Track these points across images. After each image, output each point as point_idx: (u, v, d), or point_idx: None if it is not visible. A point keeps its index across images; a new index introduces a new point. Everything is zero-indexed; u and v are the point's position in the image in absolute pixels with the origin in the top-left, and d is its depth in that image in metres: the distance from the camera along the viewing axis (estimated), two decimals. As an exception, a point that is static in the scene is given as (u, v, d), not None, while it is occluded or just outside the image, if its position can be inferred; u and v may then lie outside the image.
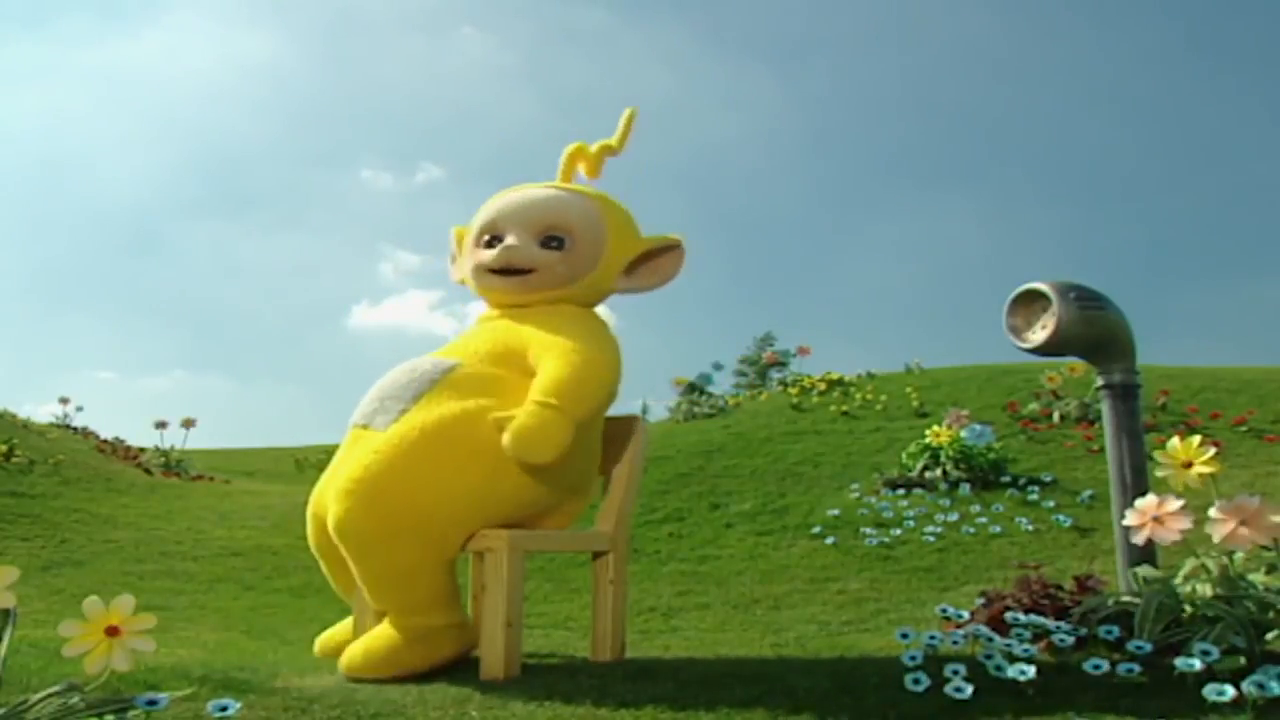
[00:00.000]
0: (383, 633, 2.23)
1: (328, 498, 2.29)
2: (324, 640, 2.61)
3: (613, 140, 2.73)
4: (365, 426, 2.32)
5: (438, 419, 2.23)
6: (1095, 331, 2.53)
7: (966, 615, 2.32)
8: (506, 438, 2.12)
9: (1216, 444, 4.21)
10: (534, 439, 2.12)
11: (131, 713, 1.55)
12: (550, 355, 2.28)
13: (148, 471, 8.36)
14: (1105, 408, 2.60)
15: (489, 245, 2.55)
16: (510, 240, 2.49)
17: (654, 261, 2.58)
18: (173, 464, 8.98)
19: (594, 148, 2.73)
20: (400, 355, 2.64)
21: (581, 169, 2.73)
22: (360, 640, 2.25)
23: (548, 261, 2.47)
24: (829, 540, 4.61)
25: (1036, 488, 5.06)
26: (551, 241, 2.48)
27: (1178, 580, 2.21)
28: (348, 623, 2.57)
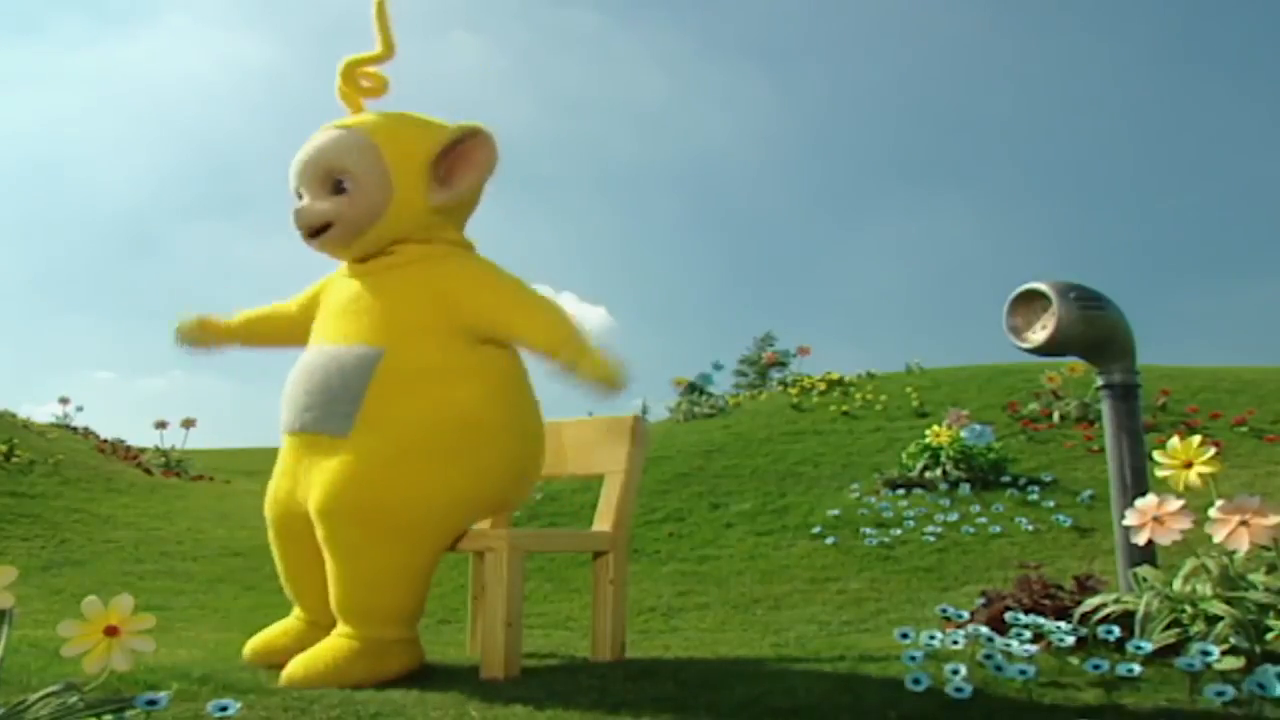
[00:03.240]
0: (328, 645, 2.18)
1: (288, 496, 2.32)
2: (255, 644, 2.47)
3: (377, 50, 2.51)
4: (317, 434, 2.26)
5: (410, 431, 2.19)
6: (1095, 331, 2.53)
7: (966, 615, 2.32)
8: (596, 382, 2.13)
9: (1216, 444, 4.21)
10: (614, 373, 2.14)
11: (131, 713, 1.55)
12: (517, 309, 2.28)
13: (148, 471, 8.36)
14: (1105, 408, 2.60)
15: None
16: (301, 202, 2.42)
17: (463, 157, 2.39)
18: (173, 464, 8.98)
19: (344, 69, 2.51)
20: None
21: (365, 98, 2.54)
22: (303, 654, 2.18)
23: (335, 210, 2.35)
24: (829, 540, 4.61)
25: (1036, 488, 5.06)
26: (338, 188, 2.37)
27: (1178, 580, 2.21)
28: (280, 625, 2.49)
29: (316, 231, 2.39)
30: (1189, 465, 2.17)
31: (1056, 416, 6.28)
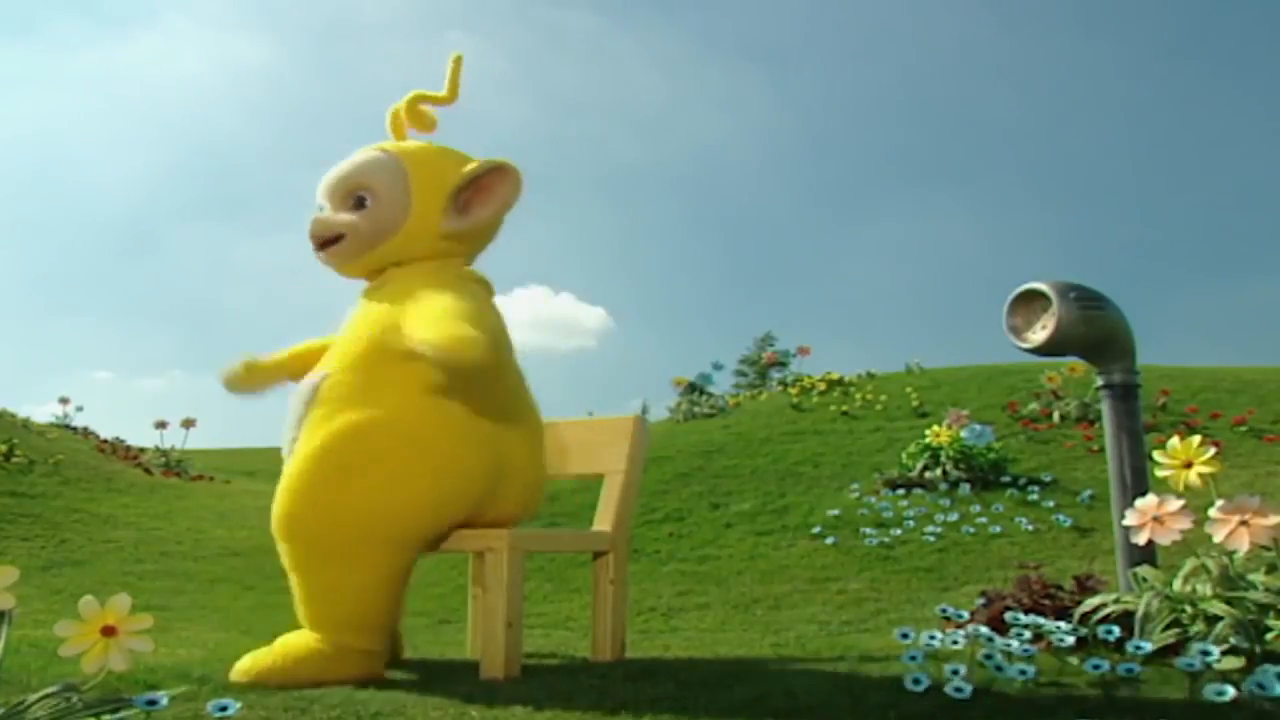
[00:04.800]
0: (285, 640, 2.22)
1: None
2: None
3: (442, 92, 2.58)
4: (286, 457, 2.33)
5: (311, 450, 2.20)
6: (1095, 331, 2.53)
7: (966, 615, 2.32)
8: (430, 349, 1.99)
9: (1216, 444, 4.21)
10: (461, 341, 1.97)
11: (130, 713, 1.55)
12: (420, 305, 2.18)
13: (148, 471, 8.36)
14: (1105, 408, 2.60)
15: None
16: (317, 213, 2.47)
17: (485, 190, 2.42)
18: (173, 464, 8.98)
19: (409, 99, 2.58)
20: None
21: (413, 128, 2.59)
22: (257, 651, 2.21)
23: (351, 223, 2.40)
24: (829, 540, 4.61)
25: (1036, 488, 5.06)
26: (359, 204, 2.42)
27: (1178, 580, 2.21)
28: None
29: (327, 242, 2.44)
30: (1189, 465, 2.16)
31: (1056, 416, 6.28)
